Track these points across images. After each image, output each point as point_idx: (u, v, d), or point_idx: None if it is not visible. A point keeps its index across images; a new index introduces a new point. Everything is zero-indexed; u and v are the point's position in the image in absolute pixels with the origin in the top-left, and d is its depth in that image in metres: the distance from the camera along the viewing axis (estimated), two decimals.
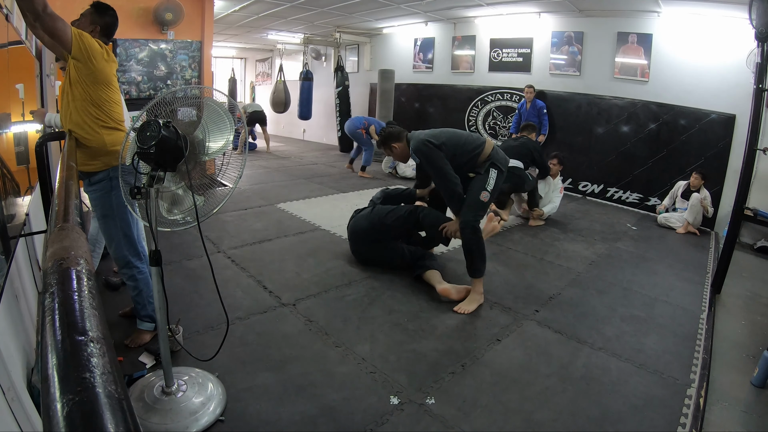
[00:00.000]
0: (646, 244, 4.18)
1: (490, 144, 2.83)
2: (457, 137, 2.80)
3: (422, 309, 2.58)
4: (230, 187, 1.62)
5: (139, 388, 1.70)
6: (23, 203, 2.00)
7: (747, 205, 3.54)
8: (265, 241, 3.57)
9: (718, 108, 4.81)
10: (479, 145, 2.78)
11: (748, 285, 3.42)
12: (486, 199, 2.72)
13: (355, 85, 8.78)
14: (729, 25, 4.60)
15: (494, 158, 2.78)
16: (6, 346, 1.22)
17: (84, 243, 0.83)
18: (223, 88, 11.42)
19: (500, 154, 2.85)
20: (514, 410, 1.78)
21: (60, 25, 1.62)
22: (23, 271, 1.78)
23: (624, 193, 5.66)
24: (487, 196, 2.72)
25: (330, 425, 1.64)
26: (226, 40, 9.76)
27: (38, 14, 1.53)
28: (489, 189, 2.73)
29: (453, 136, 2.80)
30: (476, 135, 2.93)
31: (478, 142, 2.80)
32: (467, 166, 2.80)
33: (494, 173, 2.75)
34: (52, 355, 0.49)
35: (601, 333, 2.43)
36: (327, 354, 2.09)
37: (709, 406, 1.89)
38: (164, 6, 4.81)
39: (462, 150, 2.76)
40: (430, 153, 2.70)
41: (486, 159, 2.78)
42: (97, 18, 1.92)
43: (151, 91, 5.10)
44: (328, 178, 6.19)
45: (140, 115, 1.58)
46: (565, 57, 6.05)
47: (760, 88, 2.89)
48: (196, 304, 2.42)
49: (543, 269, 3.33)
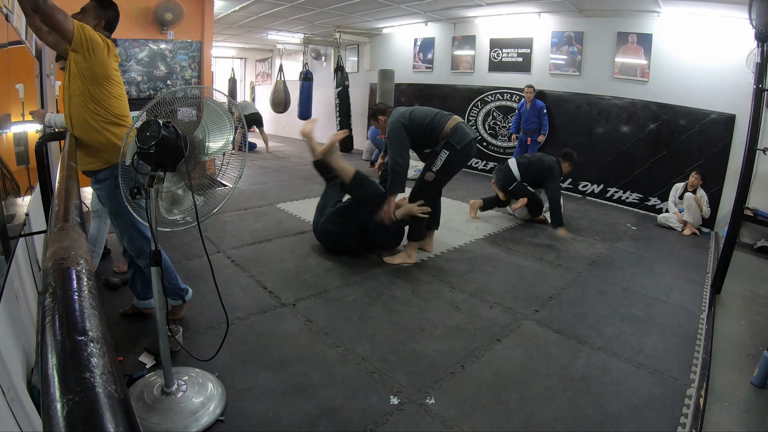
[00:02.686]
0: (646, 244, 4.18)
1: (452, 122, 2.98)
2: (424, 116, 3.04)
3: (422, 309, 2.59)
4: (230, 187, 1.63)
5: (139, 388, 1.70)
6: (23, 203, 2.00)
7: (747, 205, 3.54)
8: (265, 241, 3.57)
9: (718, 108, 4.80)
10: (440, 124, 2.99)
11: (748, 285, 3.41)
12: (430, 179, 3.00)
13: (355, 85, 8.78)
14: (729, 25, 4.59)
15: (451, 137, 2.94)
16: (6, 346, 1.22)
17: (84, 243, 0.83)
18: (223, 88, 11.42)
19: (459, 133, 2.97)
20: (514, 410, 1.78)
21: (60, 16, 1.60)
22: (23, 271, 1.77)
23: (624, 193, 5.66)
24: (432, 176, 3.00)
25: (330, 425, 1.64)
26: (226, 40, 9.76)
27: (37, 4, 1.52)
28: (434, 170, 2.99)
29: (421, 114, 3.05)
30: (445, 114, 3.09)
31: (439, 121, 3.01)
32: (428, 141, 3.07)
33: (444, 154, 2.96)
34: (52, 355, 0.49)
35: (601, 333, 2.43)
36: (327, 354, 2.09)
37: (709, 406, 1.89)
38: (164, 6, 4.81)
39: (422, 126, 3.02)
40: (394, 129, 3.02)
41: (443, 137, 2.96)
42: (101, 12, 1.92)
43: (151, 91, 5.10)
44: None
45: (140, 115, 1.58)
46: (565, 57, 6.05)
47: (760, 88, 2.89)
48: (196, 304, 2.41)
49: (543, 269, 3.33)
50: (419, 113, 3.07)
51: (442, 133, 2.99)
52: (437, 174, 2.98)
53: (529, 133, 6.06)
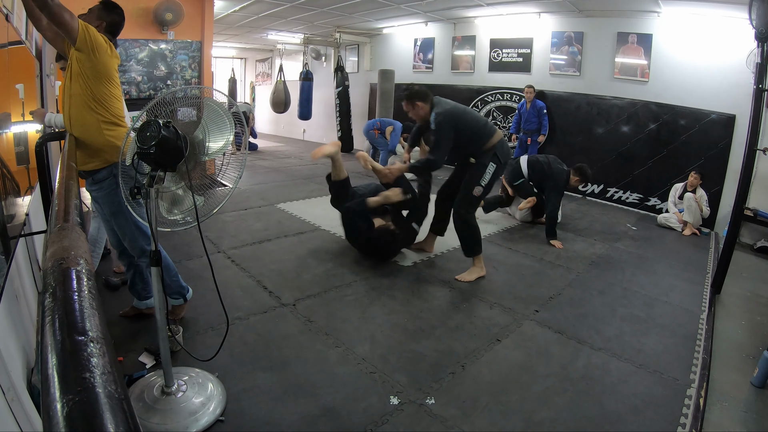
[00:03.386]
0: (646, 244, 4.18)
1: (498, 135, 2.90)
2: (476, 122, 2.90)
3: (422, 309, 2.58)
4: (230, 187, 1.63)
5: (139, 388, 1.70)
6: (23, 203, 2.00)
7: (747, 205, 3.54)
8: (265, 241, 3.57)
9: (718, 108, 4.80)
10: (488, 135, 2.88)
11: (748, 285, 3.41)
12: (478, 194, 2.90)
13: (355, 86, 8.78)
14: (729, 25, 4.59)
15: (498, 150, 2.86)
16: (6, 346, 1.22)
17: (84, 243, 0.83)
18: (223, 88, 11.42)
19: (505, 148, 2.92)
20: (514, 410, 1.78)
21: (67, 15, 1.63)
22: (23, 271, 1.78)
23: (624, 194, 5.66)
24: (480, 191, 2.89)
25: (330, 425, 1.64)
26: (226, 40, 9.76)
27: (45, 2, 1.54)
28: (483, 184, 2.88)
29: (473, 119, 2.90)
30: (491, 125, 3.00)
31: (488, 132, 2.89)
32: (472, 149, 2.92)
33: (492, 167, 2.86)
34: (52, 355, 0.49)
35: (601, 333, 2.43)
36: (327, 354, 2.09)
37: (709, 406, 1.89)
38: (164, 6, 4.81)
39: (471, 133, 2.86)
40: (446, 127, 2.79)
41: (490, 149, 2.86)
42: (105, 14, 1.94)
43: (151, 91, 5.10)
44: None
45: (140, 115, 1.58)
46: (565, 57, 6.05)
47: (760, 88, 2.89)
48: (196, 304, 2.41)
49: (543, 269, 3.33)
50: (471, 119, 2.89)
51: (488, 145, 2.86)
52: (485, 188, 2.89)
53: (529, 133, 6.06)
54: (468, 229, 2.94)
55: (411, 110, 2.93)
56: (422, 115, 2.91)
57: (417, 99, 2.87)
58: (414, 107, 2.90)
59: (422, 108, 2.88)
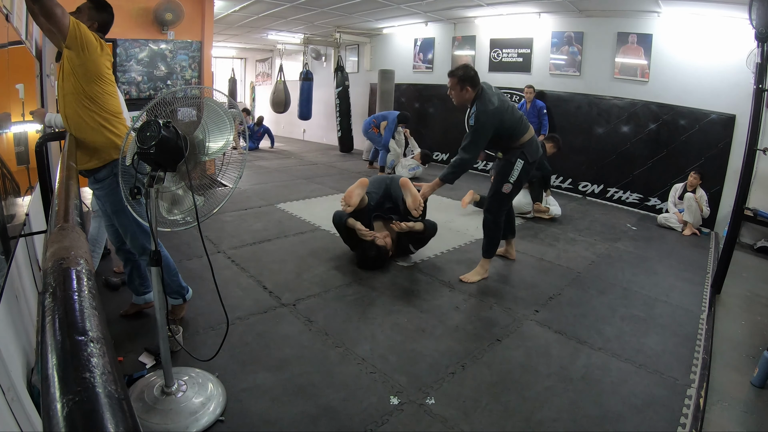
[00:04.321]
0: (646, 244, 4.18)
1: (530, 133, 2.88)
2: (515, 120, 2.81)
3: (422, 309, 2.58)
4: (230, 187, 1.63)
5: (139, 388, 1.70)
6: (23, 203, 2.00)
7: (747, 205, 3.54)
8: (265, 241, 3.57)
9: (718, 108, 4.80)
10: (521, 131, 2.84)
11: (748, 285, 3.41)
12: (508, 191, 2.89)
13: (355, 86, 8.78)
14: (729, 25, 4.59)
15: (526, 147, 2.84)
16: (6, 346, 1.22)
17: (84, 243, 0.83)
18: (223, 88, 11.43)
19: (534, 145, 2.89)
20: (514, 410, 1.78)
21: (59, 10, 1.62)
22: (23, 271, 1.78)
23: (624, 194, 5.66)
24: (509, 188, 2.88)
25: (330, 425, 1.64)
26: (226, 40, 9.76)
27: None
28: (512, 181, 2.87)
29: (513, 118, 2.79)
30: (525, 120, 2.91)
31: (523, 128, 2.85)
32: (503, 145, 2.88)
33: (521, 164, 2.84)
34: (52, 355, 0.49)
35: (601, 333, 2.43)
36: (327, 354, 2.09)
37: (709, 406, 1.89)
38: (164, 6, 4.81)
39: (512, 132, 2.81)
40: (488, 127, 2.68)
41: (520, 145, 2.83)
42: (95, 14, 1.92)
43: (151, 92, 5.10)
44: (328, 178, 6.19)
45: (140, 115, 1.58)
46: (565, 57, 6.05)
47: (760, 88, 2.89)
48: (196, 304, 2.41)
49: (543, 269, 3.33)
50: (511, 118, 2.76)
51: (519, 142, 2.81)
52: (514, 185, 2.85)
53: None
54: (494, 231, 2.97)
55: (456, 91, 2.73)
56: (465, 99, 2.74)
57: (468, 84, 2.68)
58: (462, 90, 2.70)
59: (469, 94, 2.71)
